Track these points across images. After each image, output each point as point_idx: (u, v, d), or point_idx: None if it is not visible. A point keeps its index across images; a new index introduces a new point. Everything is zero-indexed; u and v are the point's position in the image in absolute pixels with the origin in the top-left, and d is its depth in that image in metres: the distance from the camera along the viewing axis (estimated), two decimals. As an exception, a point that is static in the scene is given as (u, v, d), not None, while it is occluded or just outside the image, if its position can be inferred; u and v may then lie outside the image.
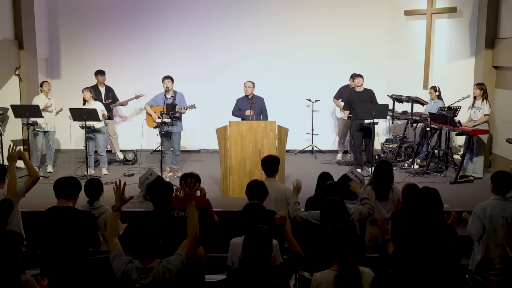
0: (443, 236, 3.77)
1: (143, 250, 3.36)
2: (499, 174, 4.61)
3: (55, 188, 4.14)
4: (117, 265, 3.42)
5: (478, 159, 8.60)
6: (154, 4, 10.83)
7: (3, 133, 8.58)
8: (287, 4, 10.79)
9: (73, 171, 8.61)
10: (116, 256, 3.47)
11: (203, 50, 10.83)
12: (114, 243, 3.56)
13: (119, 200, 3.79)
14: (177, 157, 8.83)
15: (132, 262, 3.41)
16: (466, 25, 9.86)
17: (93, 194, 4.69)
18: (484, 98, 8.47)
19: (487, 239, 4.45)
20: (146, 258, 3.36)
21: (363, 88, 9.19)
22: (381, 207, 5.23)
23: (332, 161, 10.03)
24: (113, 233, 3.64)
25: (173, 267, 3.40)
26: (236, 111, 8.57)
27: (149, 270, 3.35)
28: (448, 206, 7.12)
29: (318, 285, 3.37)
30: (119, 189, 3.81)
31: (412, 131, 9.54)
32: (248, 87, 8.57)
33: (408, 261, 3.76)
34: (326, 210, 4.08)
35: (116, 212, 3.74)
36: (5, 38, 9.05)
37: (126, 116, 10.96)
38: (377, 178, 5.34)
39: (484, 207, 4.50)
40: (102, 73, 9.77)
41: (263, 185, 4.74)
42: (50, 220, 4.00)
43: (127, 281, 3.36)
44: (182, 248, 3.52)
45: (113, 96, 9.84)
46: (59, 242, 3.95)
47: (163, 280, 3.35)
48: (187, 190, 3.70)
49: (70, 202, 4.12)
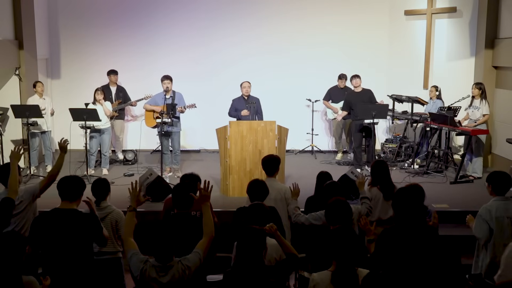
0: (424, 237, 3.61)
1: (161, 255, 3.38)
2: (495, 175, 4.58)
3: (59, 188, 4.09)
4: (135, 264, 3.43)
5: (477, 159, 8.60)
6: (154, 4, 10.83)
7: (3, 133, 8.58)
8: (287, 4, 10.79)
9: (73, 171, 8.60)
10: (133, 255, 3.48)
11: (203, 50, 10.83)
12: (130, 243, 3.57)
13: (135, 200, 3.80)
14: (177, 156, 8.83)
15: (149, 260, 3.42)
16: (466, 25, 9.87)
17: (100, 194, 4.68)
18: (482, 98, 8.47)
19: (495, 241, 4.40)
20: (165, 262, 3.38)
21: (361, 88, 9.22)
22: (388, 207, 5.24)
23: (332, 161, 10.03)
24: (129, 233, 3.65)
25: (192, 264, 3.44)
26: (232, 111, 8.57)
27: (168, 268, 3.37)
28: (448, 206, 7.14)
29: (315, 286, 3.36)
30: (135, 190, 3.85)
31: (412, 131, 9.55)
32: (247, 87, 8.57)
33: (387, 262, 3.71)
34: (332, 210, 4.07)
35: (132, 212, 3.76)
36: (5, 38, 9.05)
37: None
38: (377, 178, 5.35)
39: (489, 209, 4.44)
40: (115, 73, 9.77)
41: (264, 185, 4.76)
42: (53, 222, 3.96)
43: (145, 279, 3.37)
44: (200, 246, 3.57)
45: (124, 96, 9.82)
46: (62, 245, 3.92)
47: (182, 278, 3.37)
48: (203, 192, 3.77)
49: (73, 204, 4.07)
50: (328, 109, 10.27)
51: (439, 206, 7.03)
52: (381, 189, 5.30)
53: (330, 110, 10.22)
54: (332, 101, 10.12)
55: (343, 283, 3.26)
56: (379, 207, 5.27)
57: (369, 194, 5.24)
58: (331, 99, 10.13)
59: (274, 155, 5.79)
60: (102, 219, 4.53)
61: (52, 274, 3.76)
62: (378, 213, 5.26)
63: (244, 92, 8.58)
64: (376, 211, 5.24)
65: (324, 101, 10.25)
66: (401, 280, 3.59)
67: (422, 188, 3.82)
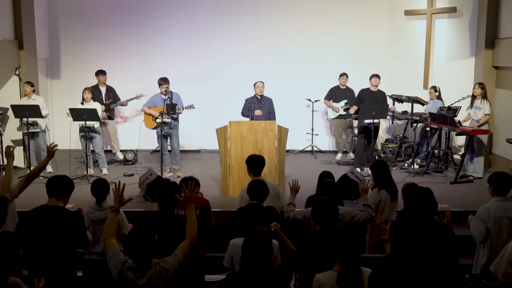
0: (440, 236, 3.75)
1: (139, 257, 3.37)
2: (496, 175, 4.59)
3: (47, 186, 4.13)
4: (113, 265, 3.43)
5: (478, 159, 8.60)
6: (154, 4, 10.83)
7: (3, 133, 8.57)
8: (287, 4, 10.78)
9: (73, 171, 8.61)
10: (112, 255, 3.48)
11: (203, 50, 10.83)
12: (111, 243, 3.57)
13: (118, 201, 3.80)
14: (177, 156, 8.84)
15: (127, 261, 3.41)
16: (466, 25, 9.86)
17: (100, 194, 4.68)
18: (484, 98, 8.47)
19: (492, 241, 4.40)
20: (143, 264, 3.37)
21: (377, 89, 9.21)
22: (392, 208, 5.24)
23: (332, 161, 10.03)
24: (111, 233, 3.66)
25: (170, 267, 3.41)
26: (246, 111, 8.57)
27: (145, 269, 3.35)
28: (448, 206, 7.13)
29: (320, 286, 3.36)
30: (118, 190, 3.84)
31: (412, 131, 9.54)
32: (261, 87, 8.58)
33: (404, 261, 3.74)
34: (318, 209, 4.07)
35: (114, 213, 3.77)
36: (5, 38, 9.05)
37: (127, 116, 10.96)
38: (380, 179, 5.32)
39: (488, 209, 4.45)
40: (103, 73, 9.74)
41: (264, 185, 4.78)
42: (38, 218, 4.00)
43: (123, 281, 3.35)
44: (180, 249, 3.53)
45: (114, 96, 9.81)
46: (46, 241, 3.94)
47: (159, 280, 3.34)
48: (187, 193, 3.73)
49: (60, 201, 4.11)
50: (329, 108, 10.27)
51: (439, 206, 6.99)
52: (388, 191, 5.27)
53: (330, 110, 10.21)
54: (333, 101, 10.12)
55: (350, 283, 3.25)
56: (386, 209, 5.25)
57: (379, 197, 5.19)
58: (332, 98, 10.13)
59: (257, 155, 5.79)
60: (104, 219, 4.52)
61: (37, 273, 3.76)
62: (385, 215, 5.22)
63: (257, 92, 8.59)
64: (384, 213, 5.21)
65: (325, 101, 10.25)
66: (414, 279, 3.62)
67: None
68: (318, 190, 5.29)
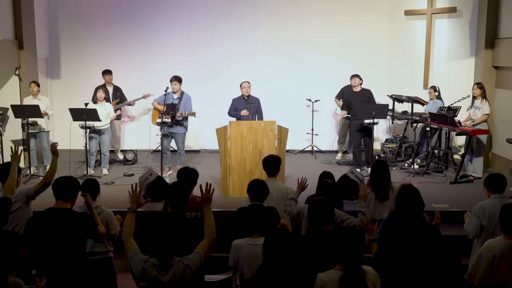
0: (426, 236, 3.68)
1: (162, 254, 3.39)
2: (490, 176, 4.70)
3: (54, 188, 4.13)
4: (136, 264, 3.45)
5: (477, 159, 8.60)
6: (154, 4, 10.83)
7: (3, 133, 8.58)
8: (287, 4, 10.79)
9: (73, 171, 8.61)
10: (133, 255, 3.50)
11: (203, 50, 10.83)
12: (131, 243, 3.60)
13: (135, 202, 3.83)
14: (181, 156, 8.86)
15: (149, 259, 3.44)
16: (466, 25, 9.87)
17: (90, 194, 4.67)
18: (483, 98, 8.47)
19: (486, 239, 4.40)
20: (165, 261, 3.39)
21: (360, 88, 9.22)
22: (381, 208, 5.22)
23: (332, 161, 10.03)
24: (129, 233, 3.68)
25: (192, 264, 3.45)
26: (232, 111, 8.56)
27: (168, 266, 3.38)
28: (448, 206, 7.14)
29: (323, 286, 3.35)
30: (135, 192, 3.86)
31: (412, 131, 9.55)
32: (247, 87, 8.57)
33: (389, 261, 3.73)
34: (313, 209, 4.07)
35: (132, 214, 3.78)
36: (5, 38, 9.05)
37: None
38: (375, 178, 5.34)
39: (483, 206, 4.53)
40: (109, 73, 9.72)
41: (264, 185, 4.77)
42: (47, 221, 3.99)
43: (146, 278, 3.38)
44: (201, 247, 3.58)
45: (121, 95, 9.81)
46: (56, 244, 3.94)
47: (183, 277, 3.38)
48: (205, 194, 3.79)
49: (68, 203, 4.10)
50: (338, 107, 10.21)
51: (439, 206, 7.02)
52: (374, 190, 5.27)
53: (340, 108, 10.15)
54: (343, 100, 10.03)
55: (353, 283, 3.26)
56: (371, 208, 5.21)
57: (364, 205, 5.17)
58: (343, 98, 10.05)
59: (274, 155, 5.80)
60: None
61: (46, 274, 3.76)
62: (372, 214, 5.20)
63: (244, 92, 8.58)
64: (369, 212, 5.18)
65: (336, 99, 10.18)
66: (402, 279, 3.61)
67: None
68: (317, 191, 5.30)
